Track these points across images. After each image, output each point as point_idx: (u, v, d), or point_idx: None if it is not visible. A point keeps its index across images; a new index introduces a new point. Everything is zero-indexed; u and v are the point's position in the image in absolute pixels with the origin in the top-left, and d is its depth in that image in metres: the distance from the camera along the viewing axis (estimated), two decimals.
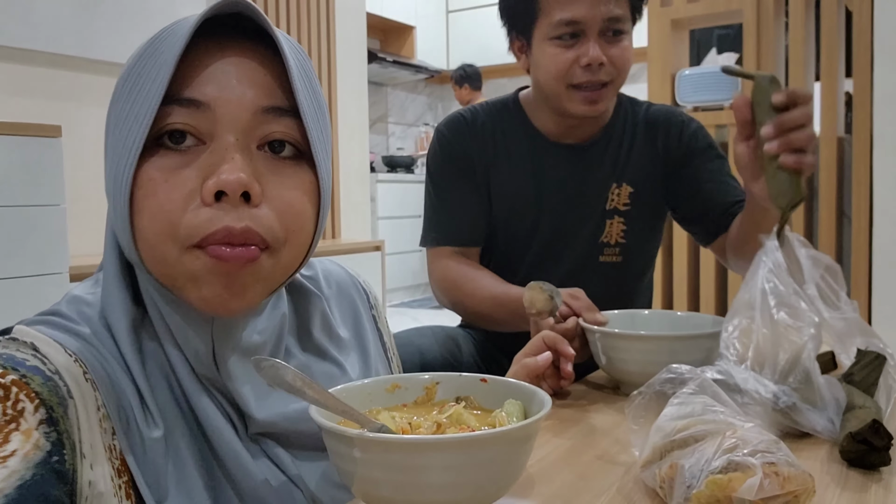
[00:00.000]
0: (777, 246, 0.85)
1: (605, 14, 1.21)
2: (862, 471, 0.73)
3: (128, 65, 0.57)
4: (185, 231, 0.53)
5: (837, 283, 0.87)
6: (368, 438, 0.54)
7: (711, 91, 2.87)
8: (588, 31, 1.22)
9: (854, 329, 0.88)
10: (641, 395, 0.74)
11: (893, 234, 2.38)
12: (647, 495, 0.67)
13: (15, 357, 0.51)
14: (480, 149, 1.35)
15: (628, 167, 1.35)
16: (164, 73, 0.52)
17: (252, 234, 0.54)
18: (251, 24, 0.58)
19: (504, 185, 1.35)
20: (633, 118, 1.38)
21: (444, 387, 0.70)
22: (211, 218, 0.53)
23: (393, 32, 6.19)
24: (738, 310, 0.85)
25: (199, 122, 0.54)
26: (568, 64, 1.23)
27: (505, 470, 0.57)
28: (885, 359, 0.87)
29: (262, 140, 0.57)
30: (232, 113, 0.55)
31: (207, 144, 0.55)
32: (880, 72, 2.38)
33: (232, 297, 0.56)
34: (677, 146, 1.35)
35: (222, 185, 0.52)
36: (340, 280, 0.79)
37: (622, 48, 1.25)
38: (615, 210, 1.35)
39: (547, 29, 1.24)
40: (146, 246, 0.54)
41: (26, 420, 0.48)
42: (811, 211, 2.84)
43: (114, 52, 2.92)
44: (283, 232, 0.56)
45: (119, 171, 0.54)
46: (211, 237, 0.53)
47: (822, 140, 2.73)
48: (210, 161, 0.54)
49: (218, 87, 0.55)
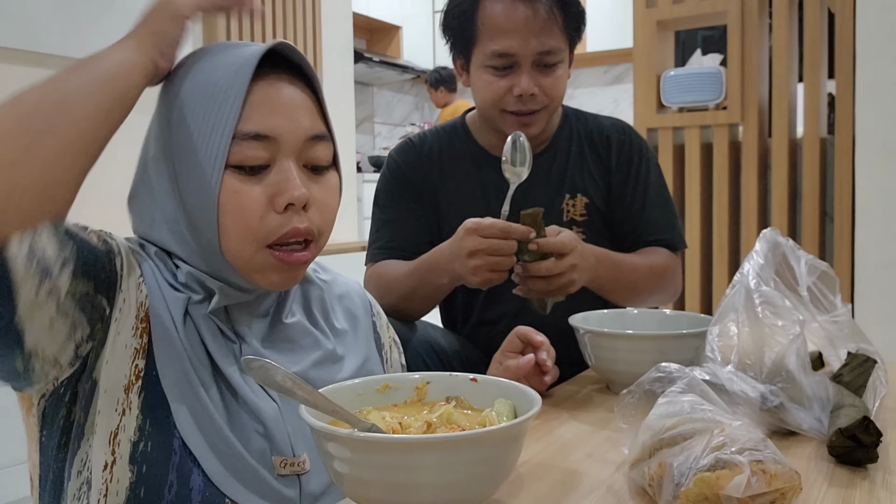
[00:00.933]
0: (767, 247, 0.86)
1: (538, 48, 1.24)
2: (848, 468, 0.73)
3: (176, 90, 0.71)
4: (265, 233, 0.70)
5: (831, 288, 0.89)
6: (358, 438, 0.54)
7: (696, 92, 2.89)
8: (521, 63, 1.25)
9: (846, 332, 0.89)
10: (630, 394, 0.74)
11: (875, 234, 2.40)
12: (637, 493, 0.68)
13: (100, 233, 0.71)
14: (427, 172, 1.39)
15: (579, 179, 1.37)
16: (232, 110, 0.68)
17: (310, 231, 0.72)
18: (279, 56, 0.73)
19: (454, 205, 1.38)
20: (579, 131, 1.41)
21: (434, 387, 0.70)
22: (282, 223, 0.70)
23: (379, 32, 6.17)
24: (725, 311, 0.85)
25: (267, 152, 0.70)
26: (501, 92, 1.27)
27: (495, 469, 0.57)
28: (874, 362, 0.88)
29: (307, 162, 0.73)
30: (292, 141, 0.71)
31: (271, 167, 0.71)
32: (862, 73, 2.41)
33: (290, 280, 0.75)
34: (617, 166, 1.38)
35: (293, 199, 0.70)
36: (349, 287, 0.92)
37: (555, 77, 1.28)
38: (572, 221, 1.36)
39: (482, 57, 1.27)
40: (229, 241, 0.70)
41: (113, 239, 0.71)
42: (794, 211, 2.87)
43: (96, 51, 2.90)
44: (323, 225, 0.75)
45: (204, 187, 0.69)
46: (283, 237, 0.70)
47: (805, 141, 2.76)
48: (276, 180, 0.70)
49: (279, 119, 0.70)
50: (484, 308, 1.40)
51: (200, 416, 0.69)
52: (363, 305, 0.92)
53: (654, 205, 1.39)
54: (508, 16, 1.24)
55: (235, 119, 0.68)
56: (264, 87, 0.70)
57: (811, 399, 0.80)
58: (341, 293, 0.90)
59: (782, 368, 0.79)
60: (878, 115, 2.38)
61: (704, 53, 3.31)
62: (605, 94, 5.98)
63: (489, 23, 1.25)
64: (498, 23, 1.24)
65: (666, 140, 2.97)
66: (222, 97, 0.68)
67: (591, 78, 5.99)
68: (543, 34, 1.24)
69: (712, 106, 2.88)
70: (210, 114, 0.68)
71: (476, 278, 1.09)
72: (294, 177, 0.70)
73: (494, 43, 1.25)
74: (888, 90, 2.36)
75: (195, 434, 0.68)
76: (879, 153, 2.38)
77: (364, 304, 0.92)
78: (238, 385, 0.72)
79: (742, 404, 0.77)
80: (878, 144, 2.38)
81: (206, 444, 0.69)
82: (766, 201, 2.89)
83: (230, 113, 0.68)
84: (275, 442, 0.72)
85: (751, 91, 2.82)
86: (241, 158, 0.69)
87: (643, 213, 1.38)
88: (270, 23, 3.72)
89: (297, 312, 0.82)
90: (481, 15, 1.26)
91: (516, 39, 1.23)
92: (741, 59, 2.81)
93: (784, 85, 2.77)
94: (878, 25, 2.36)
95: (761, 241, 0.88)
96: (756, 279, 0.84)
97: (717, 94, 2.86)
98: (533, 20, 1.23)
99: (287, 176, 0.70)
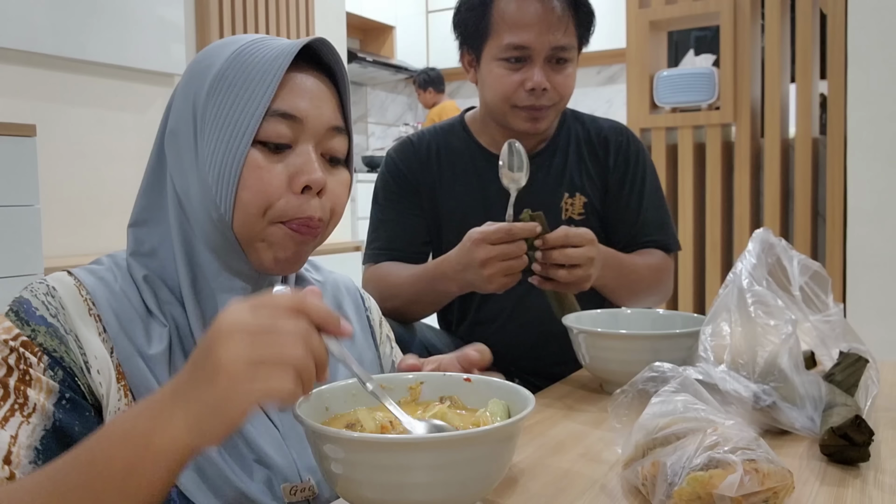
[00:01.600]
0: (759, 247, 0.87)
1: (553, 42, 1.26)
2: (840, 466, 0.74)
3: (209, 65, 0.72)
4: (279, 211, 0.70)
5: (823, 288, 0.89)
6: (352, 438, 0.54)
7: (689, 92, 2.90)
8: (535, 57, 1.27)
9: (838, 332, 0.90)
10: (624, 394, 0.74)
11: (867, 234, 2.42)
12: (630, 493, 0.68)
13: (30, 304, 0.67)
14: (425, 170, 1.40)
15: (577, 178, 1.38)
16: (269, 88, 0.69)
17: (322, 220, 0.73)
18: (313, 51, 0.75)
19: (452, 203, 1.38)
20: (577, 132, 1.42)
21: (428, 386, 0.70)
22: (300, 205, 0.71)
23: (373, 32, 6.17)
24: (718, 310, 0.86)
25: (292, 132, 0.71)
26: (514, 86, 1.28)
27: (489, 469, 0.57)
28: (866, 361, 0.88)
29: (325, 151, 0.74)
30: (315, 126, 0.72)
31: (293, 148, 0.72)
32: (854, 73, 2.42)
33: (295, 262, 0.74)
34: (614, 168, 1.39)
35: (311, 182, 0.71)
36: (341, 285, 0.92)
37: (566, 75, 1.30)
38: (570, 220, 1.37)
39: (496, 50, 1.28)
40: (242, 214, 0.70)
41: (34, 369, 0.64)
42: (787, 211, 2.88)
43: (89, 51, 2.88)
44: (332, 216, 0.76)
45: (228, 158, 0.69)
46: (296, 219, 0.71)
47: (797, 141, 2.77)
48: (296, 161, 0.71)
49: (307, 103, 0.72)
50: (479, 308, 1.40)
51: (196, 460, 0.66)
52: (355, 303, 0.91)
53: (650, 207, 1.40)
54: (524, 9, 1.26)
55: (271, 96, 0.70)
56: (296, 73, 0.73)
57: (804, 398, 0.80)
58: (334, 293, 0.89)
59: (775, 368, 0.80)
60: (870, 116, 2.39)
61: (697, 54, 3.32)
62: (599, 94, 5.99)
63: (505, 16, 1.27)
64: (514, 16, 1.26)
65: (659, 140, 2.98)
66: (260, 76, 0.70)
67: (584, 78, 5.99)
68: (558, 30, 1.26)
69: (705, 106, 2.89)
70: (245, 90, 0.70)
71: (492, 286, 1.10)
72: (314, 160, 0.72)
73: (510, 35, 1.26)
74: (879, 91, 2.37)
75: (193, 480, 0.66)
76: (871, 153, 2.40)
77: (356, 301, 0.92)
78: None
79: (735, 403, 0.77)
80: (870, 144, 2.40)
81: (207, 489, 0.66)
82: (759, 201, 2.91)
83: (266, 90, 0.70)
84: (280, 470, 0.70)
85: (743, 91, 2.83)
86: (267, 135, 0.70)
87: (639, 215, 1.39)
88: (264, 22, 3.71)
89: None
90: (496, 8, 1.28)
91: (532, 33, 1.25)
92: (734, 60, 2.82)
93: (776, 85, 2.79)
94: (869, 26, 2.38)
95: (754, 240, 0.88)
96: (748, 279, 0.84)
97: (709, 94, 2.87)
98: (549, 15, 1.25)
99: (307, 159, 0.72)
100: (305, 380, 0.52)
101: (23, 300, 0.67)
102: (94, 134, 2.98)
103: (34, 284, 0.69)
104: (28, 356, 0.64)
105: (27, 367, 0.63)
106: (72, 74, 2.90)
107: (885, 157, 2.37)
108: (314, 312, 0.54)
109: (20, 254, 2.02)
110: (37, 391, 0.63)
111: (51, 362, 0.64)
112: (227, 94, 0.70)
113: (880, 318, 2.37)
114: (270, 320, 0.51)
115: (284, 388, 0.50)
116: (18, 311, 0.66)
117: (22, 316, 0.66)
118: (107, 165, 3.02)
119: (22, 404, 0.62)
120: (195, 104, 0.72)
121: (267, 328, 0.51)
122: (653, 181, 1.42)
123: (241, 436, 0.70)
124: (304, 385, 0.52)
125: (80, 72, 2.92)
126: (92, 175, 2.95)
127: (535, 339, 1.36)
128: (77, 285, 0.70)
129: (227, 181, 0.70)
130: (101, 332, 0.68)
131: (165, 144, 0.74)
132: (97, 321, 0.69)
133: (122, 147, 3.09)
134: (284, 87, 0.71)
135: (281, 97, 0.71)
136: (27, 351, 0.64)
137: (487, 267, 1.08)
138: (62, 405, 0.63)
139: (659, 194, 1.43)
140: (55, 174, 2.77)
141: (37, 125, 2.11)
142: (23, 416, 0.61)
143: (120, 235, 0.80)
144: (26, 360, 0.63)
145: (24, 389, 0.62)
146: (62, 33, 2.79)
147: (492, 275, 1.08)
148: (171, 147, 0.74)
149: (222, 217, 0.71)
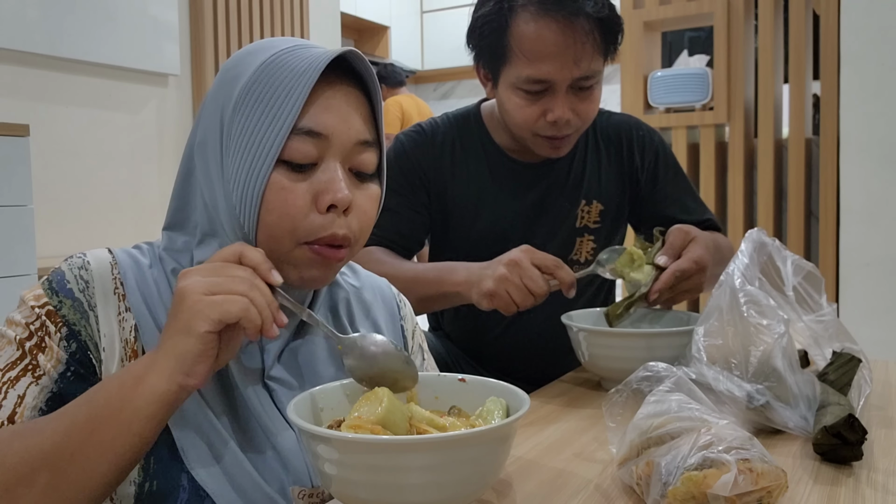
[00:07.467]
0: (752, 247, 0.87)
1: (575, 74, 1.15)
2: (834, 465, 0.74)
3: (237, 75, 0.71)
4: (304, 232, 0.69)
5: (816, 288, 0.89)
6: (347, 439, 0.54)
7: (683, 92, 2.91)
8: (557, 88, 1.16)
9: (831, 332, 0.90)
10: (618, 393, 0.74)
11: (860, 234, 2.43)
12: (625, 492, 0.68)
13: (64, 276, 0.70)
14: (436, 162, 1.32)
15: (596, 184, 1.34)
16: (294, 107, 0.68)
17: (347, 238, 0.71)
18: (344, 63, 0.73)
19: (462, 198, 1.32)
20: (593, 132, 1.36)
21: (422, 388, 0.70)
22: (324, 224, 0.69)
23: (367, 32, 6.16)
24: (710, 310, 0.86)
25: (317, 150, 0.70)
26: (534, 117, 1.18)
27: (484, 469, 0.58)
28: (859, 361, 0.89)
29: (353, 167, 0.72)
30: (342, 142, 0.71)
31: (318, 165, 0.70)
32: (847, 74, 2.43)
33: (322, 281, 0.74)
34: (642, 166, 1.35)
35: (337, 201, 0.69)
36: (378, 292, 0.90)
37: (591, 100, 1.20)
38: (585, 228, 1.33)
39: (514, 79, 1.17)
40: (266, 236, 0.70)
41: (51, 338, 0.68)
42: (780, 211, 2.89)
43: (82, 51, 2.87)
44: (360, 233, 0.73)
45: (251, 179, 0.69)
46: (322, 239, 0.70)
47: (790, 141, 2.78)
48: (322, 179, 0.70)
49: (333, 118, 0.70)
50: (477, 314, 1.39)
51: (213, 445, 0.67)
52: (389, 311, 0.89)
53: (686, 191, 1.37)
54: (543, 38, 1.13)
55: (297, 115, 0.68)
56: (324, 87, 0.70)
57: (797, 397, 0.80)
58: (370, 300, 0.87)
59: (768, 367, 0.80)
60: (863, 116, 2.40)
61: (691, 54, 3.33)
62: None
63: (522, 45, 1.15)
64: (532, 46, 1.14)
65: None
66: (286, 93, 0.68)
67: None
68: (582, 59, 1.14)
69: (699, 106, 2.90)
70: (271, 107, 0.68)
71: (492, 286, 1.03)
72: (340, 178, 0.70)
73: (528, 68, 1.15)
74: (872, 91, 2.38)
75: (207, 466, 0.67)
76: (864, 153, 2.41)
77: (391, 308, 0.89)
78: (255, 408, 0.70)
79: (728, 403, 0.77)
80: (863, 144, 2.41)
81: (223, 475, 0.67)
82: (752, 201, 2.91)
83: (292, 109, 0.68)
84: (293, 471, 0.70)
85: (737, 92, 2.84)
86: (291, 154, 0.69)
87: (682, 202, 1.35)
88: (258, 22, 3.71)
89: (323, 317, 0.80)
90: (513, 34, 1.16)
91: (552, 66, 1.14)
92: (727, 61, 2.83)
93: (770, 86, 2.79)
94: (862, 27, 2.39)
95: (747, 241, 0.89)
96: (741, 279, 0.84)
97: (703, 94, 2.88)
98: (572, 44, 1.13)
99: (333, 177, 0.70)
100: (258, 306, 0.61)
101: (59, 271, 0.71)
102: (88, 134, 2.97)
103: (74, 257, 0.72)
104: (48, 324, 0.68)
105: (45, 335, 0.67)
106: (65, 74, 2.89)
107: (878, 157, 2.38)
108: (249, 260, 0.64)
109: (13, 254, 2.01)
110: (47, 358, 0.67)
111: (68, 334, 0.68)
112: (253, 109, 0.69)
113: (873, 317, 2.38)
114: (220, 267, 0.63)
115: (235, 309, 0.60)
116: (52, 281, 0.70)
117: (54, 286, 0.69)
118: (100, 165, 3.01)
119: (35, 366, 0.66)
120: (223, 117, 0.71)
121: (216, 271, 0.63)
122: (679, 169, 1.39)
123: (260, 427, 0.70)
124: (260, 312, 0.61)
125: (73, 72, 2.91)
126: (85, 175, 2.94)
127: (532, 348, 1.35)
128: (112, 262, 0.73)
129: (250, 202, 0.69)
130: (120, 311, 0.71)
131: (196, 153, 0.74)
132: (120, 300, 0.71)
133: (116, 147, 3.08)
134: (311, 101, 0.69)
135: (307, 113, 0.69)
136: (49, 320, 0.68)
137: (508, 271, 1.02)
138: (66, 377, 0.67)
139: (686, 178, 1.40)
140: (48, 174, 2.76)
141: (30, 125, 2.10)
142: (33, 377, 0.66)
143: (114, 235, 0.80)
144: (45, 328, 0.67)
145: (37, 354, 0.67)
146: (55, 33, 2.78)
147: (502, 279, 1.02)
148: (200, 157, 0.73)
149: (247, 236, 0.70)
